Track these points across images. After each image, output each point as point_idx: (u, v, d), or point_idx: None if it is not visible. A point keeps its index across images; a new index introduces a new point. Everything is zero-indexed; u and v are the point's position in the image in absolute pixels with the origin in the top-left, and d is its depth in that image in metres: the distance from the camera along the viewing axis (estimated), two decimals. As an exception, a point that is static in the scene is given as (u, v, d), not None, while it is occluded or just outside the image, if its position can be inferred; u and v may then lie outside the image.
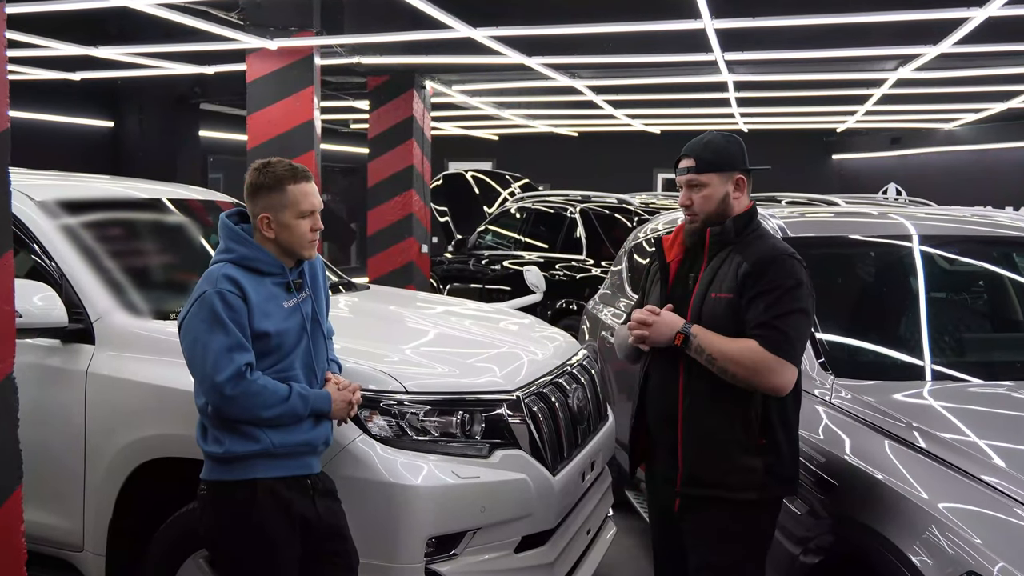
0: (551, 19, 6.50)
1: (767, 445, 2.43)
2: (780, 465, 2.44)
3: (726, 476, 2.43)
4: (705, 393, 2.46)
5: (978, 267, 3.63)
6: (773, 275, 2.40)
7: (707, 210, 2.53)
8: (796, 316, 2.39)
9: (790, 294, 2.39)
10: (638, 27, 6.31)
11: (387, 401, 2.82)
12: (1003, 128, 13.92)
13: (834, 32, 6.79)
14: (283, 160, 2.50)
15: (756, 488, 2.42)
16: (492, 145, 18.37)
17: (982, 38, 6.44)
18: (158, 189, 4.20)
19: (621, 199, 8.47)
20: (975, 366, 3.03)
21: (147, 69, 9.51)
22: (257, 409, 2.31)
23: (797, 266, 2.44)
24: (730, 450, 2.43)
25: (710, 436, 2.46)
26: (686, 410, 2.50)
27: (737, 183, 2.54)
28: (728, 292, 2.45)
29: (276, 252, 2.49)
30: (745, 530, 2.47)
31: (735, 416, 2.43)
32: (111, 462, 3.01)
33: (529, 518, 2.94)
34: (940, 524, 2.06)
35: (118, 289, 3.25)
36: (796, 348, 2.38)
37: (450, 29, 6.39)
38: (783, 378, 2.36)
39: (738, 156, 2.56)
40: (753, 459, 2.42)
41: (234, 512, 2.34)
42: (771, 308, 2.38)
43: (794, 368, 2.38)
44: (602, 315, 5.49)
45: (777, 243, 2.54)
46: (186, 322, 2.37)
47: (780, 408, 2.44)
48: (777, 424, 2.44)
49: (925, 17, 6.10)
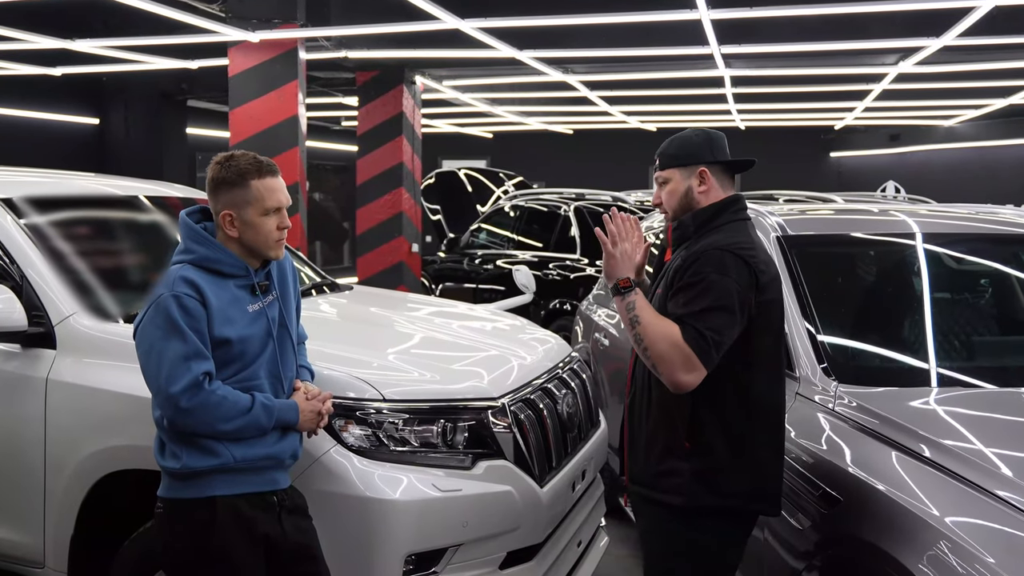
0: (542, 10, 6.33)
1: (695, 449, 2.27)
2: (715, 474, 2.26)
3: (655, 476, 2.34)
4: (642, 389, 2.39)
5: (986, 266, 3.47)
6: (696, 268, 2.23)
7: (672, 206, 2.45)
8: (715, 314, 2.18)
9: (710, 289, 2.19)
10: (632, 17, 6.15)
11: (364, 410, 2.65)
12: (1004, 125, 13.81)
13: (834, 24, 6.63)
14: (247, 153, 2.34)
15: (681, 493, 2.27)
16: (486, 143, 18.23)
17: (987, 30, 6.28)
18: (135, 186, 4.04)
19: (616, 197, 8.34)
20: (986, 371, 2.87)
21: (129, 64, 9.33)
22: (216, 422, 2.15)
23: (728, 260, 2.22)
24: (657, 449, 2.33)
25: (642, 434, 2.39)
26: (629, 405, 2.45)
27: (701, 176, 2.41)
28: (662, 287, 2.35)
29: (240, 252, 2.32)
30: (676, 538, 2.32)
31: (663, 414, 2.32)
32: (73, 474, 2.85)
33: (515, 532, 2.79)
34: (949, 541, 1.94)
35: (83, 291, 3.09)
36: (711, 349, 2.16)
37: (438, 20, 6.22)
38: (687, 376, 2.17)
39: (702, 149, 2.42)
40: (678, 462, 2.28)
41: (192, 532, 2.17)
42: (689, 303, 2.20)
43: (703, 369, 2.18)
44: (596, 316, 5.33)
45: (726, 238, 2.30)
46: (141, 328, 2.20)
47: (713, 410, 2.26)
48: (710, 428, 2.27)
49: (929, 7, 5.94)
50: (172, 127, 12.85)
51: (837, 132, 16.26)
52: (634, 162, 16.91)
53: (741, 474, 2.29)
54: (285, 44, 6.88)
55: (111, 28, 7.61)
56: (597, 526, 3.65)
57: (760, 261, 2.29)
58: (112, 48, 8.26)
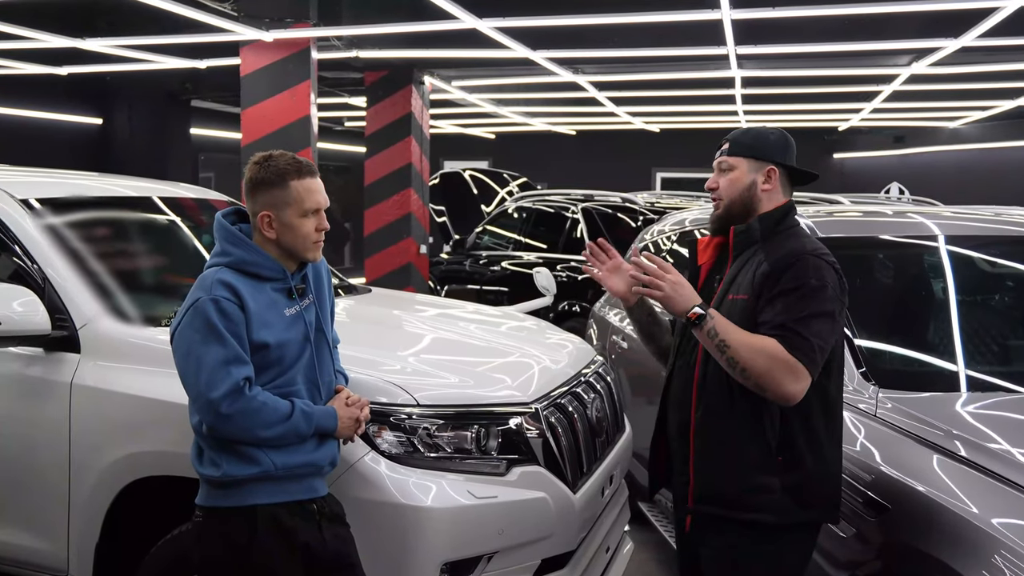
0: (562, 9, 6.27)
1: (786, 463, 2.20)
2: (805, 487, 2.21)
3: (740, 496, 2.22)
4: (719, 404, 2.26)
5: (1018, 269, 3.43)
6: (794, 274, 2.17)
7: (731, 195, 2.35)
8: (819, 321, 2.13)
9: (813, 296, 2.14)
10: (654, 18, 6.09)
11: (397, 415, 2.60)
12: (1011, 126, 13.77)
13: (853, 24, 6.58)
14: (286, 153, 2.29)
15: (773, 511, 2.20)
16: (488, 143, 18.18)
17: (1007, 31, 6.24)
18: (148, 187, 3.99)
19: (625, 198, 8.28)
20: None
21: (137, 63, 9.27)
22: (256, 428, 2.10)
23: (824, 266, 2.19)
24: (744, 467, 2.22)
25: (723, 451, 2.25)
26: (699, 420, 2.30)
27: (768, 174, 2.35)
28: (744, 293, 2.25)
29: (277, 255, 2.28)
30: (764, 558, 2.25)
31: (751, 429, 2.21)
32: (98, 480, 2.80)
33: (549, 540, 2.74)
34: (1008, 550, 1.90)
35: (106, 293, 3.04)
36: (816, 356, 2.12)
37: (455, 20, 6.16)
38: (796, 386, 2.11)
39: (777, 148, 2.38)
40: (769, 478, 2.20)
41: (232, 542, 2.12)
42: (790, 309, 2.14)
43: (809, 377, 2.12)
44: (610, 317, 5.28)
45: (808, 243, 2.28)
46: (178, 333, 2.15)
47: (804, 421, 2.21)
48: (801, 440, 2.21)
49: (954, 7, 5.88)
50: (176, 127, 12.79)
51: (841, 133, 16.24)
52: (637, 163, 16.90)
53: (823, 484, 2.25)
54: (298, 43, 6.83)
55: (121, 27, 7.56)
56: (623, 532, 3.61)
57: (840, 269, 2.25)
58: (122, 47, 8.19)
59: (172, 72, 9.95)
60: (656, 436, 2.58)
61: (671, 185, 16.78)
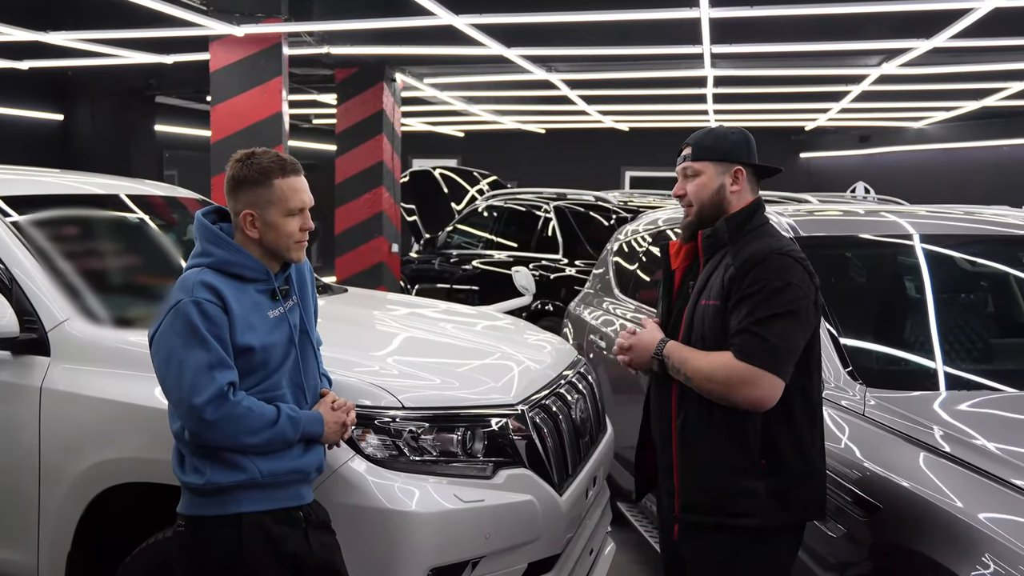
0: (538, 6, 6.22)
1: (771, 467, 2.20)
2: (791, 489, 2.21)
3: (724, 501, 2.21)
4: (699, 409, 2.24)
5: (997, 268, 3.47)
6: (757, 275, 2.16)
7: (700, 200, 2.34)
8: (781, 320, 2.12)
9: (776, 296, 2.13)
10: (633, 15, 6.07)
11: (382, 418, 2.54)
12: (975, 126, 14.00)
13: (828, 24, 6.62)
14: (269, 151, 2.23)
15: (759, 515, 2.19)
16: (457, 142, 18.10)
17: (981, 32, 6.32)
18: (116, 184, 3.88)
19: (598, 196, 8.26)
20: (1010, 374, 2.85)
21: (101, 58, 9.05)
22: (241, 435, 2.03)
23: (791, 265, 2.17)
24: (728, 472, 2.21)
25: (705, 458, 2.24)
26: (680, 428, 2.29)
27: (735, 176, 2.32)
28: (715, 299, 2.23)
29: (260, 255, 2.21)
30: (750, 562, 2.24)
31: (732, 434, 2.20)
32: (70, 488, 2.71)
33: (536, 543, 2.70)
34: (1002, 548, 1.91)
35: (76, 294, 2.94)
36: (777, 356, 2.11)
37: (432, 16, 6.09)
38: (759, 390, 2.11)
39: (740, 147, 2.35)
40: (754, 482, 2.19)
41: (218, 552, 2.05)
42: (752, 312, 2.14)
43: (775, 379, 2.11)
44: (587, 317, 5.26)
45: (775, 242, 2.26)
46: (158, 336, 2.08)
47: (786, 425, 2.20)
48: (784, 443, 2.21)
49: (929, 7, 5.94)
50: (140, 124, 12.54)
51: (807, 133, 16.41)
52: (606, 162, 16.93)
53: (807, 485, 2.25)
54: (269, 39, 6.71)
55: (86, 20, 7.36)
56: (605, 533, 3.58)
57: (810, 266, 2.23)
58: (86, 41, 7.99)
59: (136, 67, 9.73)
60: (641, 441, 2.57)
61: (640, 184, 16.83)
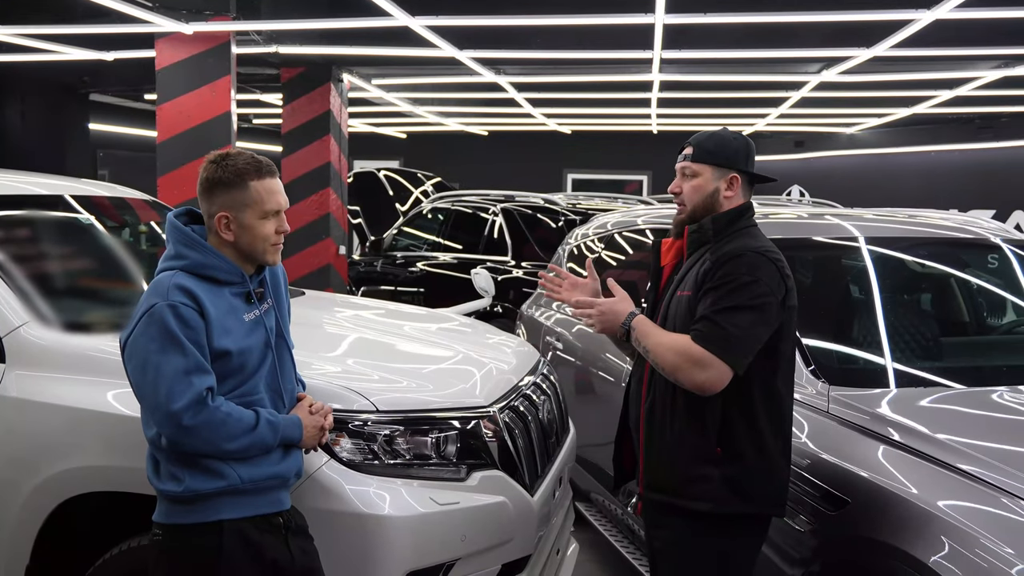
0: (496, 9, 6.22)
1: (726, 454, 2.27)
2: (746, 479, 2.27)
3: (681, 483, 2.30)
4: (663, 394, 2.35)
5: (946, 269, 3.61)
6: (729, 269, 2.25)
7: (695, 200, 2.42)
8: (744, 313, 2.20)
9: (742, 290, 2.22)
10: (589, 20, 6.11)
11: (355, 421, 2.52)
12: (904, 132, 14.50)
13: (774, 31, 6.78)
14: (244, 152, 2.19)
15: (711, 500, 2.26)
16: (399, 143, 17.98)
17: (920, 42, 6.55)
18: (58, 184, 3.75)
19: (546, 199, 8.31)
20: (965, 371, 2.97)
21: (37, 53, 8.71)
22: (220, 441, 1.99)
23: (763, 263, 2.25)
24: (684, 456, 2.30)
25: (666, 439, 2.34)
26: (646, 411, 2.40)
27: (731, 181, 2.42)
28: (688, 290, 2.33)
29: (234, 257, 2.18)
30: (706, 548, 2.31)
31: (691, 419, 2.29)
32: (28, 499, 2.61)
33: (509, 544, 2.72)
34: (968, 537, 1.99)
35: (30, 298, 2.84)
36: (732, 345, 2.18)
37: (388, 17, 6.03)
38: (705, 374, 2.18)
39: (739, 155, 2.45)
40: (708, 468, 2.27)
41: (197, 561, 2.01)
42: (716, 302, 2.23)
43: (724, 367, 2.18)
44: (541, 318, 5.30)
45: (754, 242, 2.34)
46: (132, 341, 2.02)
47: (746, 415, 2.27)
48: (741, 433, 2.27)
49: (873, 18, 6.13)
50: (73, 122, 12.13)
51: (744, 138, 16.73)
52: (548, 164, 17.02)
53: (766, 478, 2.30)
54: (218, 37, 6.57)
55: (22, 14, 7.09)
56: (569, 533, 3.61)
57: (786, 267, 2.30)
58: (21, 36, 7.68)
59: (70, 64, 9.40)
60: (619, 432, 2.63)
61: (582, 186, 16.97)
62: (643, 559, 3.76)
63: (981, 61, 7.95)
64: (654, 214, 4.70)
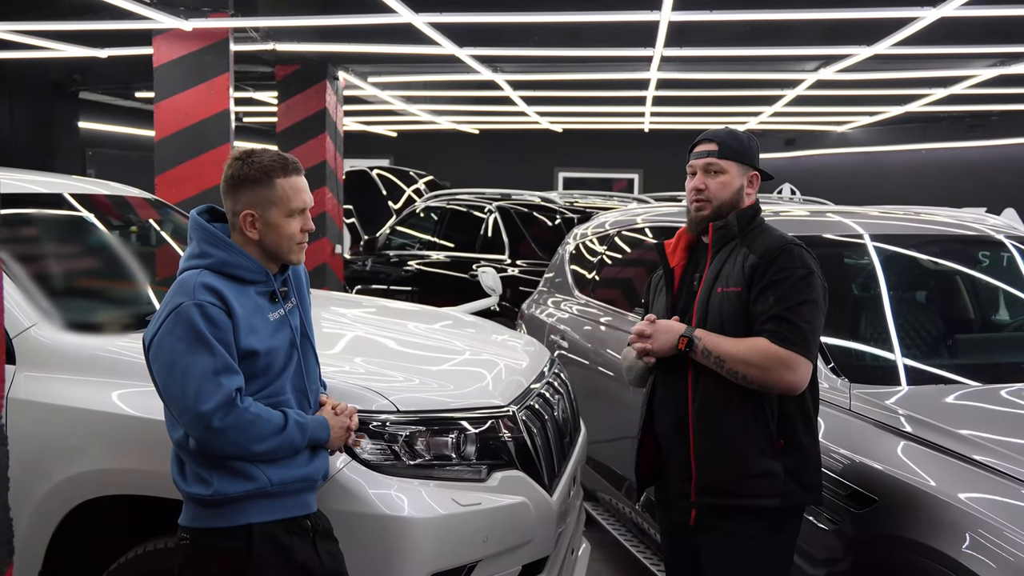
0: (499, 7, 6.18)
1: (787, 446, 2.29)
2: (804, 469, 2.31)
3: (744, 482, 2.28)
4: (716, 393, 2.33)
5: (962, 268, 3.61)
6: (783, 264, 2.29)
7: (722, 198, 2.44)
8: (808, 307, 2.26)
9: (801, 284, 2.27)
10: (595, 17, 6.09)
11: (375, 422, 2.49)
12: (895, 131, 14.58)
13: (776, 28, 6.77)
14: (269, 149, 2.16)
15: (778, 494, 2.27)
16: (390, 141, 17.93)
17: (920, 40, 6.56)
18: (57, 183, 3.70)
19: (543, 197, 8.30)
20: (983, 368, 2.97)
21: (28, 50, 8.60)
22: (249, 442, 1.96)
23: (807, 256, 2.33)
24: (746, 453, 2.28)
25: (724, 439, 2.32)
26: (696, 413, 2.36)
27: (751, 179, 2.48)
28: (736, 285, 2.33)
29: (258, 256, 2.15)
30: (767, 543, 2.31)
31: (750, 416, 2.29)
32: (40, 504, 2.56)
33: (530, 544, 2.69)
34: (997, 531, 2.00)
35: (39, 298, 2.79)
36: (810, 341, 2.24)
37: (392, 13, 5.98)
38: (797, 375, 2.22)
39: (756, 153, 2.52)
40: (772, 462, 2.27)
41: (226, 566, 1.98)
42: (782, 299, 2.26)
43: (808, 363, 2.24)
44: (544, 317, 5.27)
45: (784, 235, 2.42)
46: (157, 341, 1.99)
47: (800, 406, 2.32)
48: (798, 424, 2.31)
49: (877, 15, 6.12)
50: (62, 120, 12.01)
51: (735, 136, 16.77)
52: (539, 162, 17.00)
53: (817, 466, 2.35)
54: (216, 34, 6.49)
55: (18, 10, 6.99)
56: (581, 532, 3.60)
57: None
58: (16, 32, 7.58)
59: (60, 62, 9.31)
60: (642, 439, 2.60)
61: (573, 184, 16.98)
62: (655, 558, 3.74)
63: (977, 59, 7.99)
64: (653, 213, 4.69)
